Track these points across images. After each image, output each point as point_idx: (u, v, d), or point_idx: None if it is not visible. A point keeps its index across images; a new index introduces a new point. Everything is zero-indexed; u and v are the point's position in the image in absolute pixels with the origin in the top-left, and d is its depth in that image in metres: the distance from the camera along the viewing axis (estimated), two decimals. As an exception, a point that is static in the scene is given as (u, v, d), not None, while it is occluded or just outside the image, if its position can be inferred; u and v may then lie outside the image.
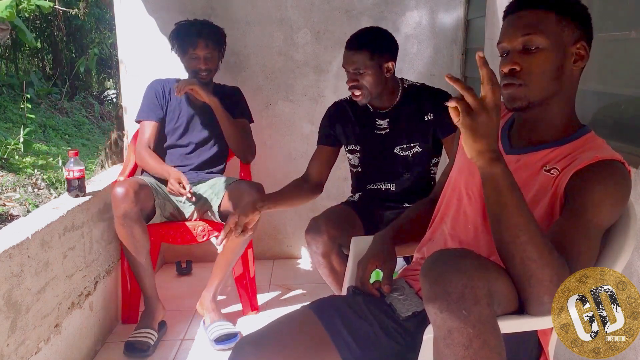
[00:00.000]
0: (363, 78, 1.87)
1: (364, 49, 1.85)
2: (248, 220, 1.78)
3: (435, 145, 1.98)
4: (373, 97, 1.93)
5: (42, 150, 6.99)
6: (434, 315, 0.92)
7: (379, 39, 1.92)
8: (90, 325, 2.05)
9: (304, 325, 1.24)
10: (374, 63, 1.87)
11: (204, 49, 2.34)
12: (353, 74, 1.88)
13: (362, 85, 1.88)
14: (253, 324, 2.34)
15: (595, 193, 1.03)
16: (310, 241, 1.86)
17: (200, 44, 2.33)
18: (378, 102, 1.99)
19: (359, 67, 1.86)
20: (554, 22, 1.10)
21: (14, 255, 1.52)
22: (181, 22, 2.42)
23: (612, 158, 1.07)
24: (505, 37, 1.14)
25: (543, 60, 1.10)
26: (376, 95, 1.93)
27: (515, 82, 1.11)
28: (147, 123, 2.42)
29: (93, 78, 10.98)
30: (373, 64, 1.86)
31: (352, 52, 1.87)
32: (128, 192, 2.08)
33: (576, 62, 1.12)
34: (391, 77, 1.94)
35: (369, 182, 2.03)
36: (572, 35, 1.11)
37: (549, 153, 1.14)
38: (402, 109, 1.97)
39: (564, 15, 1.11)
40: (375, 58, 1.86)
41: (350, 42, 1.89)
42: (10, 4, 5.48)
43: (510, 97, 1.12)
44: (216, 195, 2.32)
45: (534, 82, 1.10)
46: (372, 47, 1.86)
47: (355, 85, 1.88)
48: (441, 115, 1.92)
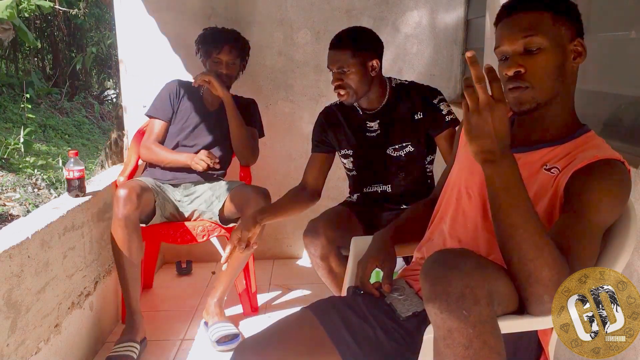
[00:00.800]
0: (347, 77, 1.86)
1: (346, 48, 1.85)
2: (251, 234, 1.79)
3: (428, 144, 1.98)
4: (359, 97, 1.91)
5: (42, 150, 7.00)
6: (434, 315, 0.92)
7: (360, 37, 1.91)
8: (90, 325, 2.05)
9: (304, 327, 1.24)
10: (357, 61, 1.86)
11: (228, 54, 2.38)
12: (337, 74, 1.88)
13: (346, 84, 1.87)
14: (253, 324, 2.34)
15: (595, 192, 1.02)
16: (309, 244, 1.86)
17: (224, 49, 2.38)
18: (366, 102, 1.97)
19: (342, 65, 1.86)
20: (551, 21, 1.10)
21: (14, 255, 1.52)
22: (209, 27, 2.48)
23: (612, 157, 1.07)
24: (504, 40, 1.13)
25: (546, 60, 1.10)
26: (362, 95, 1.91)
27: (521, 85, 1.10)
28: (156, 121, 2.47)
29: (93, 78, 10.99)
30: (356, 62, 1.85)
31: (334, 51, 1.88)
32: (131, 195, 2.07)
33: (575, 59, 1.13)
34: (377, 76, 1.92)
35: (365, 185, 2.02)
36: (568, 33, 1.12)
37: (549, 152, 1.14)
38: (391, 109, 1.96)
39: (560, 14, 1.11)
40: (357, 56, 1.85)
41: (332, 41, 1.90)
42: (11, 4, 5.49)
43: (518, 101, 1.12)
44: (217, 198, 2.32)
45: (540, 83, 1.10)
46: (354, 45, 1.86)
47: (340, 85, 1.88)
48: (431, 113, 1.92)
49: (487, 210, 1.18)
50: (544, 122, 1.16)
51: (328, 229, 1.82)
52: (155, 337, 2.22)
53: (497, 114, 0.95)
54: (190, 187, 2.41)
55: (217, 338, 2.13)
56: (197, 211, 2.36)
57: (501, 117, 0.95)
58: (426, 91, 1.97)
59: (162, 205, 2.28)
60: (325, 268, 1.88)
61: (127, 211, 2.06)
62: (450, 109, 1.95)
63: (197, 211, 2.36)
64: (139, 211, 2.10)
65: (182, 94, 2.49)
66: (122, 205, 2.06)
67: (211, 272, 2.89)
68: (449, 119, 1.92)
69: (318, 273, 1.93)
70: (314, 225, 1.86)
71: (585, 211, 1.02)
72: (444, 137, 1.93)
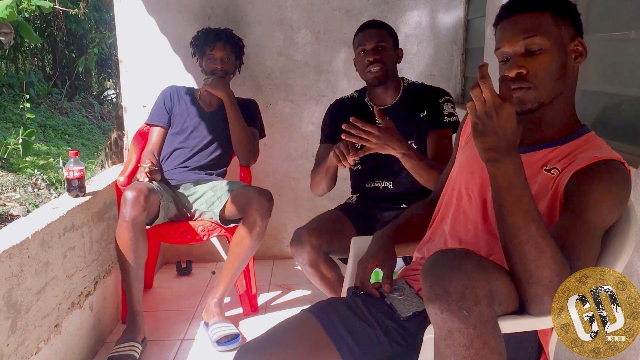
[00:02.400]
0: (384, 53, 1.93)
1: (382, 28, 1.97)
2: None
3: None
4: (388, 78, 1.96)
5: (42, 150, 7.00)
6: (435, 316, 0.92)
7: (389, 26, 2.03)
8: (90, 325, 2.05)
9: (305, 328, 1.24)
10: (391, 41, 1.98)
11: (221, 50, 2.45)
12: (374, 49, 1.93)
13: (383, 59, 1.93)
14: (253, 324, 2.34)
15: (595, 193, 1.03)
16: (295, 253, 1.87)
17: (218, 45, 2.45)
18: (382, 95, 2.01)
19: (381, 39, 1.94)
20: (551, 22, 1.11)
21: (14, 255, 1.52)
22: (203, 28, 2.55)
23: (612, 158, 1.07)
24: (505, 41, 1.13)
25: (548, 61, 1.10)
26: (389, 77, 1.97)
27: (523, 86, 1.10)
28: (154, 129, 2.52)
29: (93, 78, 10.99)
30: (391, 42, 1.97)
31: (372, 29, 1.97)
32: (139, 198, 2.07)
33: (576, 58, 1.13)
34: (396, 68, 2.00)
35: (368, 180, 2.03)
36: (568, 33, 1.12)
37: (549, 153, 1.14)
38: (400, 106, 1.99)
39: (559, 14, 1.12)
40: (392, 35, 1.99)
41: (366, 23, 1.99)
42: (11, 4, 5.49)
43: (520, 101, 1.11)
44: (219, 199, 2.33)
45: (542, 83, 1.10)
46: (388, 27, 2.00)
47: (377, 59, 1.93)
48: (433, 110, 1.95)
49: (488, 211, 1.18)
50: (545, 123, 1.16)
51: (312, 237, 1.83)
52: (155, 337, 2.22)
53: (504, 112, 0.95)
54: (190, 187, 2.42)
55: (218, 338, 2.13)
56: (197, 211, 2.37)
57: (508, 116, 0.96)
58: (434, 91, 2.01)
59: (166, 207, 2.28)
60: (317, 275, 1.88)
61: (135, 214, 2.05)
62: (453, 111, 1.95)
63: (198, 211, 2.37)
64: (145, 213, 2.10)
65: (178, 98, 2.53)
66: (130, 208, 2.05)
67: (211, 272, 2.89)
68: (447, 120, 1.93)
69: (311, 281, 1.94)
70: (298, 235, 1.87)
71: (585, 212, 1.02)
72: (435, 135, 1.94)
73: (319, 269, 1.87)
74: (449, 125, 1.93)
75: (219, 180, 2.45)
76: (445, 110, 1.93)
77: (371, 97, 2.02)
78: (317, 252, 1.83)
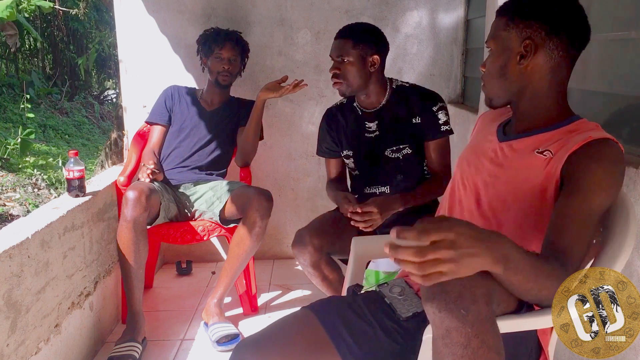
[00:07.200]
0: (345, 67, 1.88)
1: (348, 37, 1.88)
2: None
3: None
4: (354, 90, 1.92)
5: (42, 150, 7.00)
6: (433, 315, 0.92)
7: (365, 30, 1.93)
8: (90, 325, 2.05)
9: (304, 326, 1.24)
10: (357, 52, 1.87)
11: (230, 50, 2.44)
12: (336, 62, 1.90)
13: (342, 74, 1.89)
14: (253, 324, 2.34)
15: (595, 175, 1.05)
16: (297, 254, 1.87)
17: (227, 45, 2.44)
18: (365, 100, 1.98)
19: (341, 54, 1.88)
20: (502, 27, 1.18)
21: (14, 255, 1.52)
22: (211, 27, 2.53)
23: (607, 137, 1.09)
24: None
25: (490, 62, 1.22)
26: (357, 89, 1.92)
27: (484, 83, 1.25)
28: (155, 127, 2.51)
29: (93, 78, 10.98)
30: (355, 54, 1.87)
31: (337, 40, 1.92)
32: (140, 198, 2.07)
33: (520, 60, 1.16)
34: (377, 73, 1.92)
35: (365, 185, 2.02)
36: (519, 36, 1.15)
37: (540, 137, 1.17)
38: (390, 109, 1.96)
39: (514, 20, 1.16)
40: (358, 47, 1.86)
41: (338, 32, 1.94)
42: (11, 4, 5.49)
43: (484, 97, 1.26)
44: (219, 199, 2.32)
45: (487, 81, 1.23)
46: (356, 37, 1.88)
47: (336, 73, 1.90)
48: (428, 119, 1.92)
49: (480, 196, 1.23)
50: (531, 113, 1.20)
51: (314, 238, 1.83)
52: (155, 337, 2.22)
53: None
54: (190, 187, 2.42)
55: (218, 338, 2.13)
56: (197, 211, 2.37)
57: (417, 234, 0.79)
58: (427, 96, 1.96)
59: (166, 207, 2.28)
60: (319, 276, 1.88)
61: (136, 214, 2.05)
62: (448, 119, 1.95)
63: (198, 211, 2.37)
64: (147, 214, 2.10)
65: (178, 97, 2.53)
66: (132, 208, 2.05)
67: (211, 272, 2.89)
68: (444, 129, 1.93)
69: (313, 282, 1.94)
70: (300, 236, 1.87)
71: (584, 192, 1.04)
72: (433, 146, 1.94)
73: (321, 270, 1.87)
74: (446, 133, 1.94)
75: (219, 180, 2.45)
76: (441, 119, 1.92)
77: (358, 101, 2.01)
78: (319, 253, 1.83)
